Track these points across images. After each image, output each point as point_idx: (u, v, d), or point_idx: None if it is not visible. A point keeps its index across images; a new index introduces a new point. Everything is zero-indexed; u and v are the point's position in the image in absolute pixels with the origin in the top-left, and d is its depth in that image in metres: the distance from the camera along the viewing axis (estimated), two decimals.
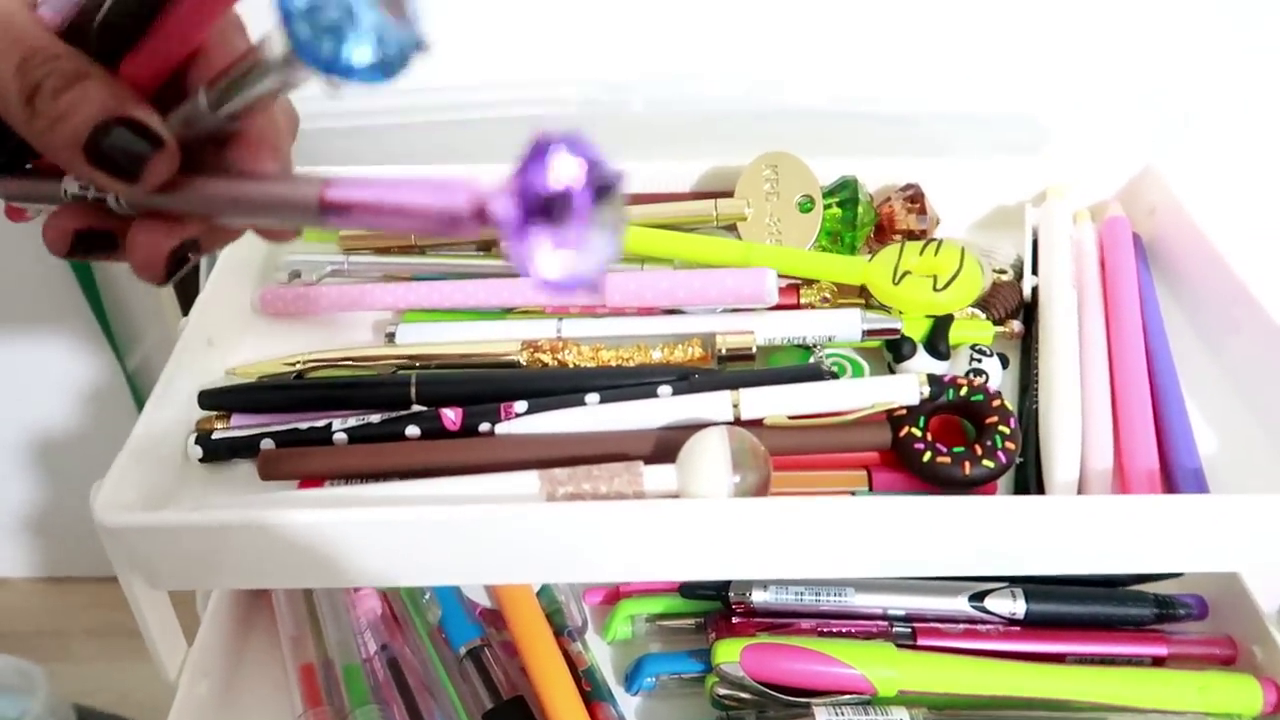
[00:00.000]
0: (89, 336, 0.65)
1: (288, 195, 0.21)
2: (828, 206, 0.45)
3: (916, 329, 0.40)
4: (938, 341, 0.39)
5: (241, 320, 0.44)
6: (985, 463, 0.34)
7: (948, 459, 0.34)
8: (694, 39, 0.51)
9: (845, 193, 0.45)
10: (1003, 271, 0.43)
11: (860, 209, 0.44)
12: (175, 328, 0.41)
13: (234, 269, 0.44)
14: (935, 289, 0.39)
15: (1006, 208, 0.49)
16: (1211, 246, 0.42)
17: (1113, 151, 0.50)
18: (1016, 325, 0.42)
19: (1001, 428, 0.35)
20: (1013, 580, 0.41)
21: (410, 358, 0.40)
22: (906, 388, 0.35)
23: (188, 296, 0.51)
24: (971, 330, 0.40)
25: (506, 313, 0.43)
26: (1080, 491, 0.35)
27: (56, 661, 0.54)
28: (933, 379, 0.35)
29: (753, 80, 0.52)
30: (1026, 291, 0.43)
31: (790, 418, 0.36)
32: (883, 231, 0.46)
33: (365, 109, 0.52)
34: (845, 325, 0.39)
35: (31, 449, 0.73)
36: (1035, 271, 0.43)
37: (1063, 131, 0.52)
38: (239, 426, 0.39)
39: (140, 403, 0.65)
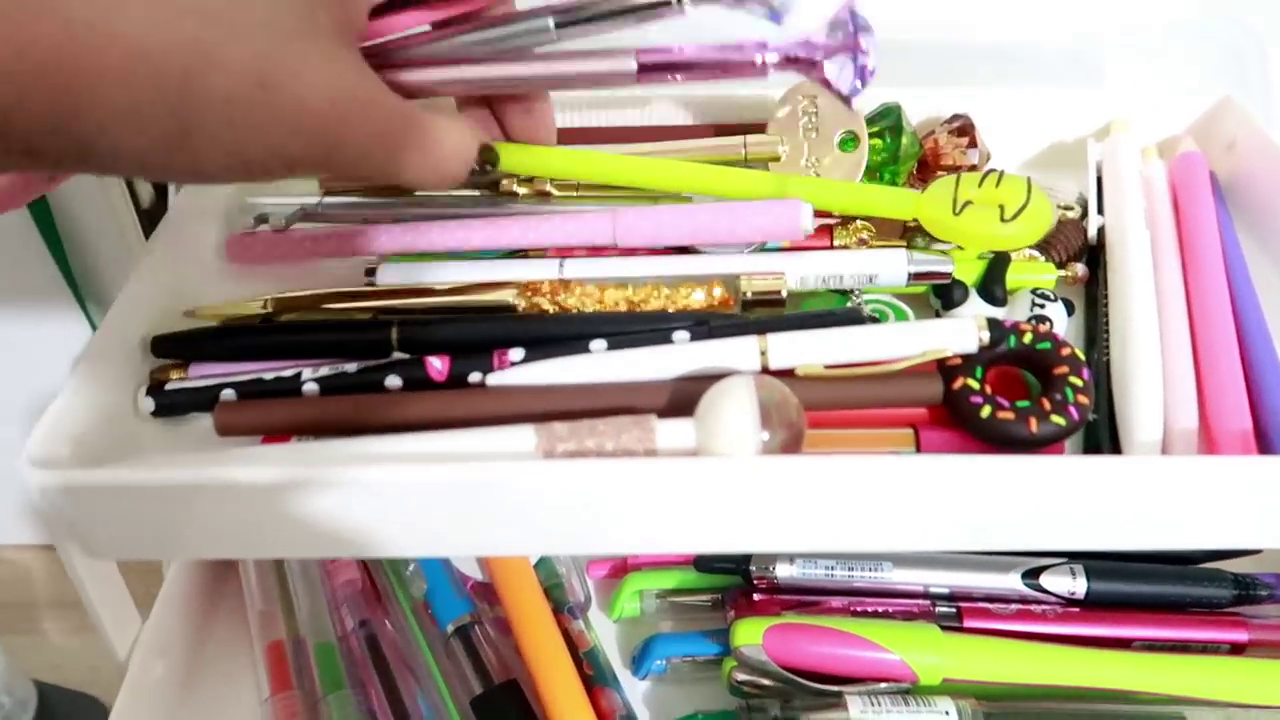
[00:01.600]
0: (60, 301, 0.60)
1: (604, 70, 0.28)
2: (869, 137, 0.39)
3: (968, 272, 0.35)
4: (993, 285, 0.35)
5: (204, 269, 0.39)
6: (1055, 418, 0.29)
7: (1011, 414, 0.29)
8: None
9: (887, 120, 0.40)
10: (1069, 208, 0.38)
11: (905, 139, 0.39)
12: None
13: (194, 214, 0.39)
14: (1002, 219, 0.33)
15: (1065, 144, 0.44)
16: None
17: (1184, 82, 0.44)
18: (1081, 269, 0.37)
19: (1073, 379, 0.30)
20: (1072, 556, 0.36)
21: (392, 300, 0.36)
22: (963, 333, 0.30)
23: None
24: (1031, 273, 0.35)
25: (502, 256, 0.38)
26: (1164, 453, 0.30)
27: (20, 635, 0.50)
28: (993, 323, 0.31)
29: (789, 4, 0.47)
30: (1092, 232, 0.38)
31: (826, 367, 0.31)
32: (926, 168, 0.41)
33: None
34: (890, 266, 0.34)
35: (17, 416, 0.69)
36: (1101, 211, 0.38)
37: (1128, 61, 0.47)
38: (198, 377, 0.34)
39: None
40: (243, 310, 0.35)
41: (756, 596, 0.37)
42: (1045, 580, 0.36)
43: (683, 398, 0.30)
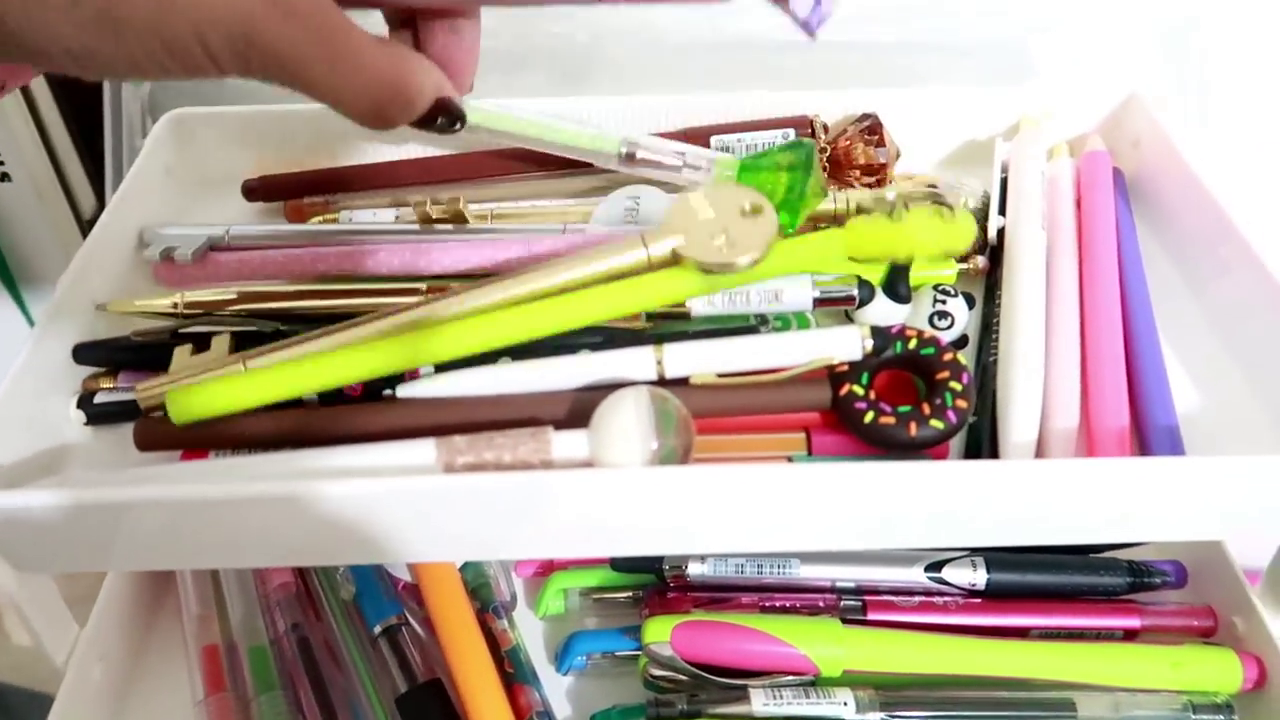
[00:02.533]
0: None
1: None
2: (773, 168, 0.37)
3: (873, 271, 0.36)
4: (897, 284, 0.36)
5: (132, 282, 0.40)
6: (933, 423, 0.30)
7: (892, 419, 0.30)
8: None
9: (798, 154, 0.37)
10: (955, 207, 0.39)
11: (813, 179, 0.36)
12: None
13: (121, 231, 0.40)
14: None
15: (978, 142, 0.45)
16: (1197, 180, 0.38)
17: (1094, 81, 0.45)
18: (981, 261, 0.38)
19: (953, 384, 0.31)
20: (974, 549, 0.38)
21: (302, 301, 0.37)
22: (847, 341, 0.32)
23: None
24: (933, 269, 0.36)
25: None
26: (1040, 453, 0.31)
27: None
28: (877, 331, 0.32)
29: (711, 8, 0.48)
30: (992, 233, 0.39)
31: (720, 376, 0.32)
32: (838, 167, 0.42)
33: None
34: (795, 290, 0.34)
35: None
36: (1003, 211, 0.39)
37: (1040, 60, 0.48)
38: (125, 386, 0.35)
39: None
40: (153, 307, 0.37)
41: (670, 594, 0.38)
42: (947, 573, 0.37)
43: (582, 409, 0.32)
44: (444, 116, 0.28)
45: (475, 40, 0.31)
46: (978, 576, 0.37)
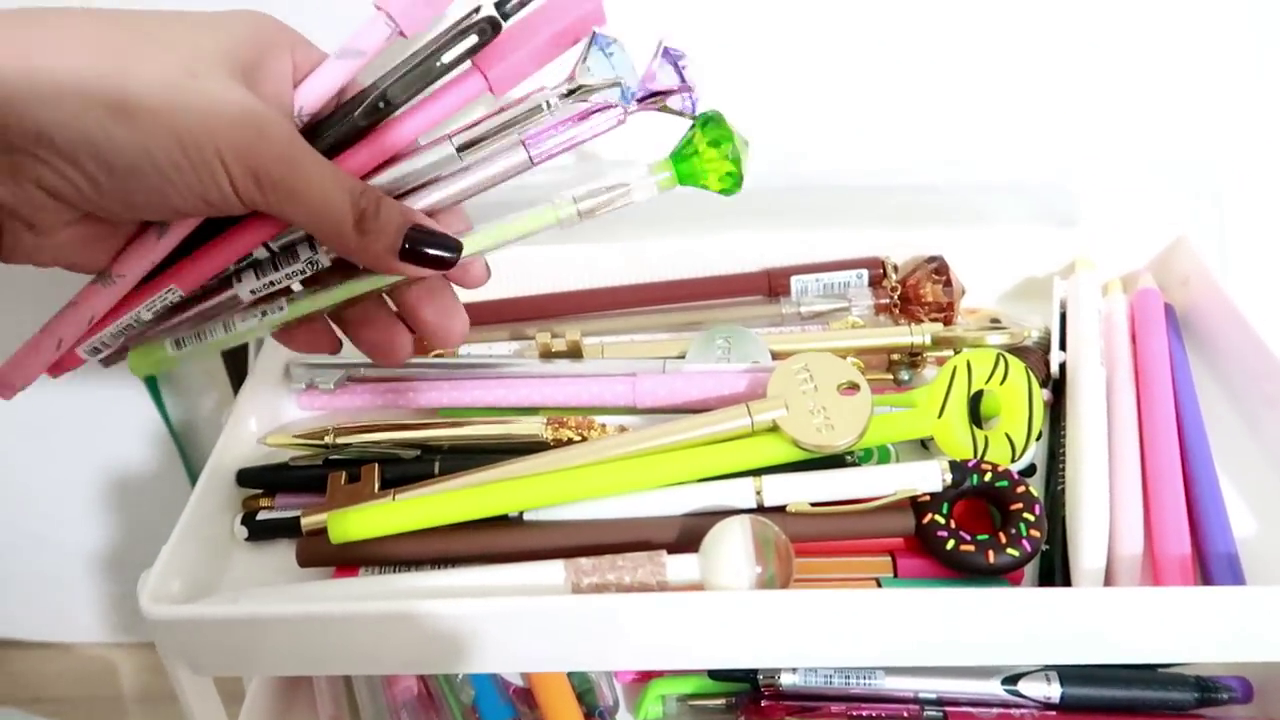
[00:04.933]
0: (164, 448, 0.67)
1: (505, 168, 0.34)
2: (698, 152, 0.36)
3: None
4: (971, 419, 0.39)
5: (283, 415, 0.45)
6: (1010, 551, 0.34)
7: (971, 546, 0.34)
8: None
9: (716, 129, 0.36)
10: (1025, 336, 0.43)
11: (736, 142, 0.36)
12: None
13: (273, 372, 0.46)
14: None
15: (1036, 279, 0.49)
16: (1244, 319, 0.42)
17: (1145, 222, 0.49)
18: (1045, 394, 0.42)
19: (1026, 515, 0.34)
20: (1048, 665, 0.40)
21: (435, 430, 0.41)
22: (929, 474, 0.35)
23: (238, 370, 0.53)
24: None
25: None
26: (1108, 579, 0.34)
27: None
28: (954, 466, 0.35)
29: (779, 152, 0.53)
30: (1054, 367, 0.42)
31: (813, 504, 0.36)
32: (909, 303, 0.47)
33: None
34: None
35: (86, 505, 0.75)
36: (1063, 346, 0.43)
37: (1094, 202, 0.52)
38: (283, 506, 0.40)
39: (188, 463, 0.67)
40: (309, 438, 0.41)
41: (763, 702, 0.41)
42: (1023, 686, 0.40)
43: (689, 533, 0.35)
44: (428, 239, 0.31)
45: (450, 299, 0.35)
46: (1052, 690, 0.39)
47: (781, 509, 0.36)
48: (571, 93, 0.33)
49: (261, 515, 0.40)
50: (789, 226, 0.50)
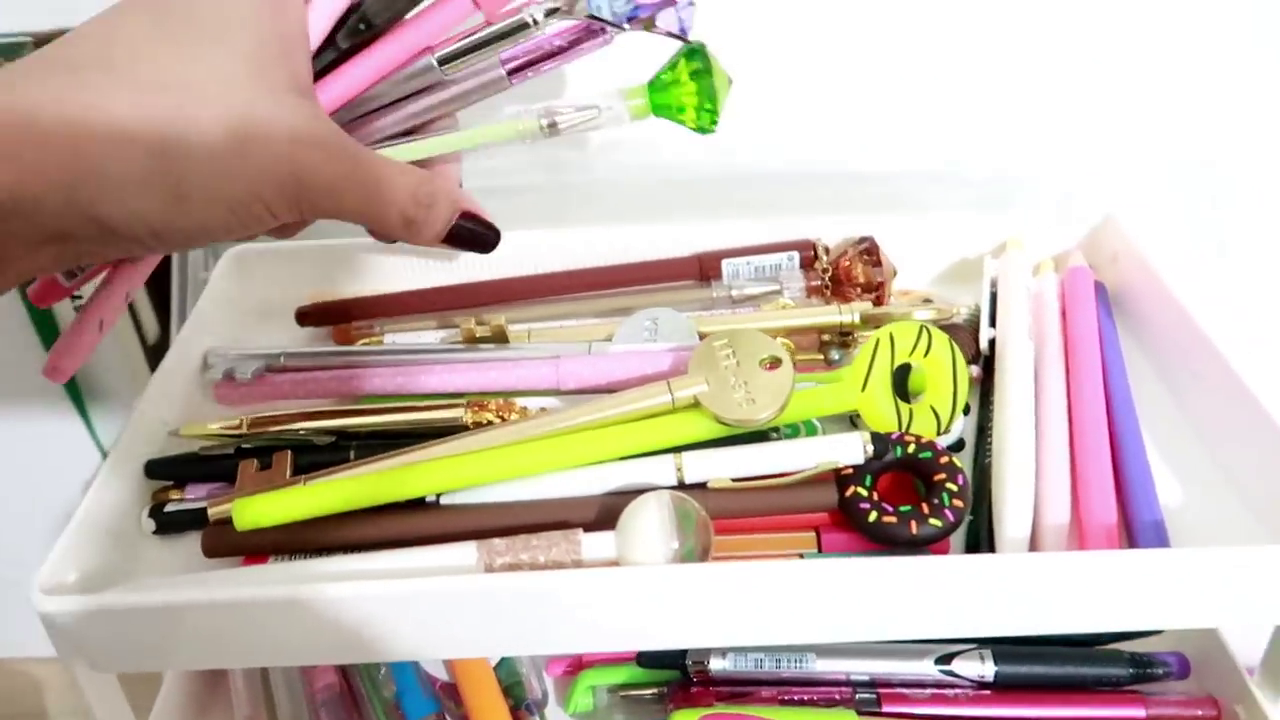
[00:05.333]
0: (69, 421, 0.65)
1: (482, 82, 0.34)
2: (679, 82, 0.37)
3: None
4: (896, 392, 0.39)
5: (198, 404, 0.43)
6: (932, 521, 0.33)
7: (894, 518, 0.33)
8: None
9: (698, 62, 0.37)
10: (954, 314, 0.43)
11: (715, 79, 0.37)
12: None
13: (190, 355, 0.44)
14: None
15: (969, 260, 0.49)
16: (1172, 295, 0.42)
17: (1075, 202, 0.49)
18: (975, 370, 0.41)
19: (949, 485, 0.34)
20: (981, 642, 0.39)
21: (354, 419, 0.40)
22: (851, 447, 0.35)
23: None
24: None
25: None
26: (1034, 547, 0.34)
27: None
28: (877, 438, 0.35)
29: (715, 142, 0.53)
30: (984, 343, 0.42)
31: (735, 480, 0.35)
32: (840, 284, 0.46)
33: None
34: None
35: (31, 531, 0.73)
36: (993, 324, 0.43)
37: (1026, 186, 0.52)
38: (193, 498, 0.39)
39: None
40: (221, 430, 0.40)
41: (694, 689, 0.40)
42: (957, 665, 0.39)
43: (608, 512, 0.34)
44: (472, 227, 0.33)
45: (452, 174, 0.36)
46: (986, 669, 0.39)
47: (703, 486, 0.35)
48: (556, 10, 0.32)
49: (170, 507, 0.38)
50: (723, 217, 0.50)
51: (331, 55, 0.33)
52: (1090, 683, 0.39)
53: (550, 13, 0.33)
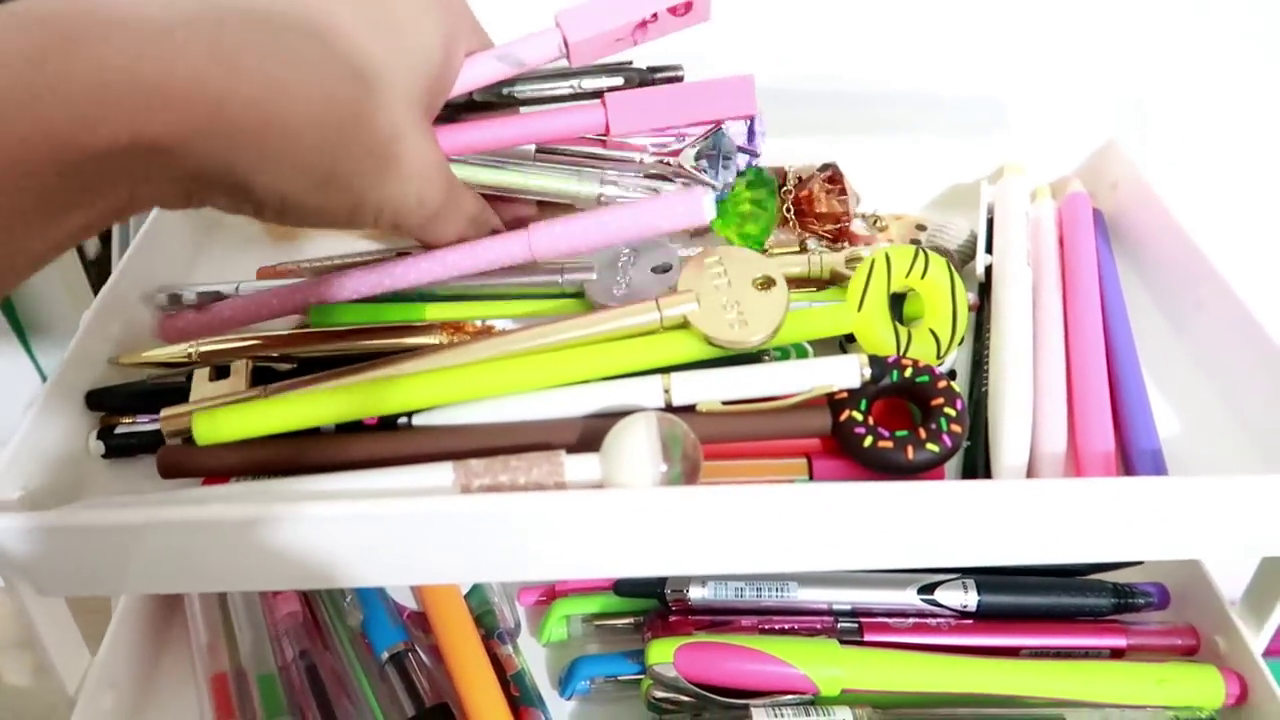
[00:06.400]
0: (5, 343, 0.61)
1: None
2: (739, 190, 0.41)
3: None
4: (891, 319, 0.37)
5: (146, 327, 0.40)
6: (929, 447, 0.32)
7: (890, 443, 0.32)
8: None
9: (764, 187, 0.42)
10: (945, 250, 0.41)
11: (775, 202, 0.42)
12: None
13: (141, 274, 0.41)
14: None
15: (965, 186, 0.47)
16: (1174, 220, 0.40)
17: (1074, 128, 0.48)
18: (971, 298, 0.40)
19: (947, 410, 0.33)
20: (965, 571, 0.39)
21: (318, 345, 0.38)
22: (847, 369, 0.33)
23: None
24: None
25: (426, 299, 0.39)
26: (1030, 475, 0.33)
27: None
28: (875, 360, 0.33)
29: (695, 59, 0.50)
30: (979, 270, 0.41)
31: (725, 403, 0.33)
32: (803, 214, 0.44)
33: None
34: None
35: None
36: (990, 250, 0.41)
37: (1024, 110, 0.51)
38: (146, 420, 0.36)
39: None
40: (166, 357, 0.37)
41: (672, 618, 0.39)
42: (939, 595, 0.38)
43: (592, 434, 0.33)
44: None
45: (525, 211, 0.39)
46: (969, 598, 0.38)
47: (691, 408, 0.33)
48: (666, 164, 0.36)
49: (121, 429, 0.36)
50: None
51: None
52: (1072, 612, 0.39)
53: (659, 161, 0.36)
